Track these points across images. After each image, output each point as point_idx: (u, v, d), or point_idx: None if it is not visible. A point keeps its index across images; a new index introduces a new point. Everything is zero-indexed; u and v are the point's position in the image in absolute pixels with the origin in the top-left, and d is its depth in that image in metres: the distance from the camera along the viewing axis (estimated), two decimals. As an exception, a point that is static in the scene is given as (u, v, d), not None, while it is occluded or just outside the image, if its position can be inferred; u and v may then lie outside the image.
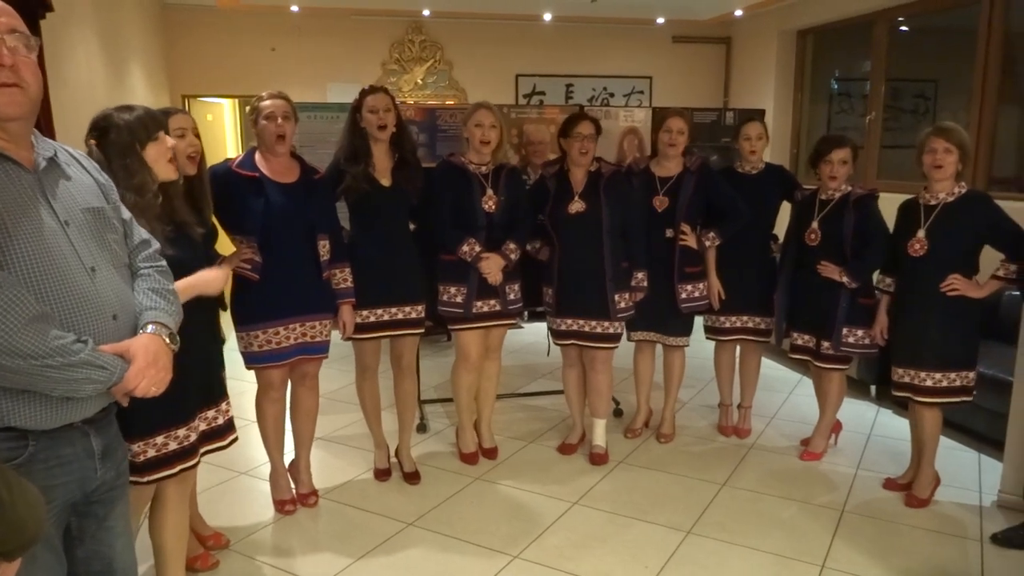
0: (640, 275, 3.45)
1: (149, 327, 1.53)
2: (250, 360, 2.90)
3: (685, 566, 2.74)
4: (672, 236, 3.53)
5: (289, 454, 3.21)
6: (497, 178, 3.33)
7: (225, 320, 2.72)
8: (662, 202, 3.53)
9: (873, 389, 4.45)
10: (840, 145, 3.32)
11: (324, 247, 2.94)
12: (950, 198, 2.99)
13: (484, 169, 3.31)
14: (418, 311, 3.25)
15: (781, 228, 3.67)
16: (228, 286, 2.87)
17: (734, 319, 3.75)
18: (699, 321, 3.80)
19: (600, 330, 3.44)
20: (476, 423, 3.70)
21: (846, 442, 3.81)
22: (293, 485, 3.19)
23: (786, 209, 3.70)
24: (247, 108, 2.99)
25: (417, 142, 3.62)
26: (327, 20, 6.77)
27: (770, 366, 4.84)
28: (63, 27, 3.66)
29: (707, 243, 3.57)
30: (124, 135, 1.95)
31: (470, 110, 3.32)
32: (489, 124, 3.24)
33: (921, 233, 3.01)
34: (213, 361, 2.41)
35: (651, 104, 7.35)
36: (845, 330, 3.29)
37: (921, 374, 3.05)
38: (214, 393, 2.38)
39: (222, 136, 8.05)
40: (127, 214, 1.67)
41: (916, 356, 3.06)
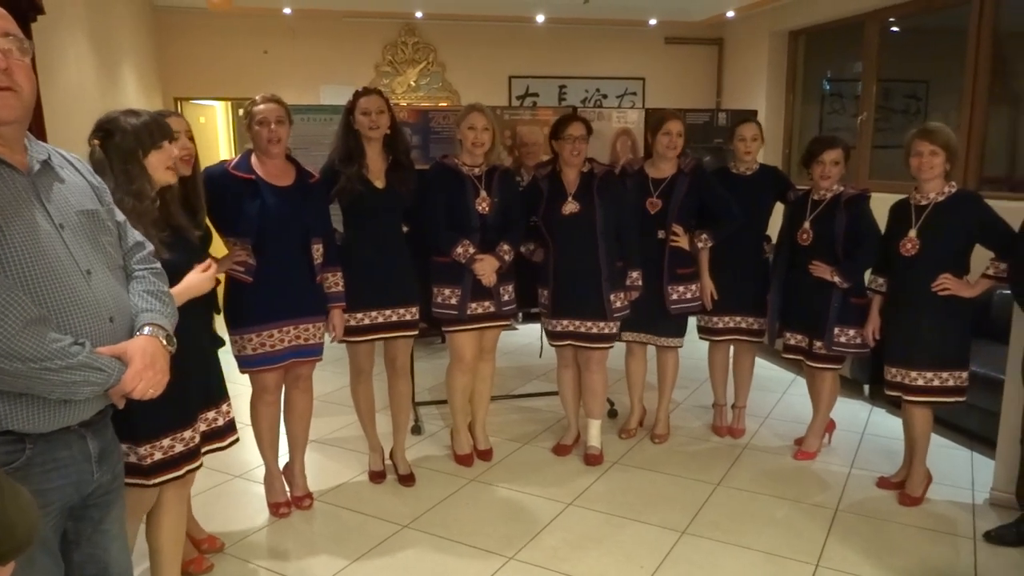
0: (635, 274, 3.45)
1: (145, 329, 1.53)
2: (244, 364, 2.89)
3: (680, 566, 2.74)
4: (664, 237, 3.54)
5: (283, 457, 3.20)
6: (490, 180, 3.33)
7: (219, 323, 2.72)
8: (655, 204, 3.53)
9: (866, 388, 4.47)
10: (832, 146, 3.33)
11: (318, 251, 2.93)
12: (940, 198, 3.01)
13: (477, 171, 3.31)
14: (412, 313, 3.25)
15: (774, 229, 3.69)
16: (221, 289, 2.87)
17: (727, 319, 3.76)
18: (692, 321, 3.81)
19: (596, 331, 3.44)
20: (471, 425, 3.70)
21: (839, 441, 3.83)
22: (288, 488, 3.18)
23: (779, 210, 3.71)
24: (240, 112, 2.99)
25: (411, 144, 3.62)
26: (320, 22, 6.76)
27: (763, 366, 4.86)
28: (54, 30, 3.65)
29: (700, 245, 3.58)
30: (129, 140, 1.95)
31: (463, 112, 3.32)
32: (482, 127, 3.24)
33: (912, 233, 3.03)
34: (212, 362, 2.41)
35: (644, 105, 7.38)
36: (837, 330, 3.31)
37: (912, 373, 3.06)
38: (213, 394, 2.37)
39: (215, 139, 8.04)
40: (121, 216, 1.66)
41: (908, 356, 3.07)
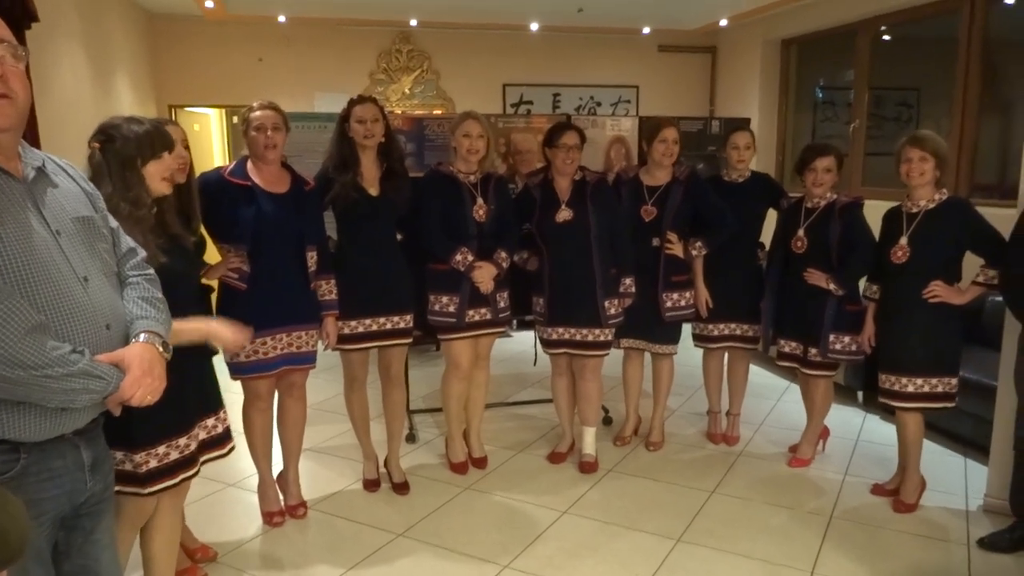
0: (628, 281, 3.44)
1: (142, 336, 1.51)
2: (236, 371, 2.88)
3: (676, 573, 2.74)
4: (658, 245, 3.55)
5: (277, 465, 3.19)
6: (486, 187, 3.34)
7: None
8: (650, 212, 3.55)
9: (860, 395, 4.48)
10: (824, 153, 3.34)
11: (312, 258, 2.93)
12: (931, 205, 3.02)
13: (473, 178, 3.32)
14: (406, 321, 3.24)
15: (767, 236, 3.70)
16: (215, 296, 2.87)
17: (722, 327, 3.76)
18: (687, 329, 3.82)
19: (591, 338, 3.44)
20: (465, 433, 3.69)
21: (834, 448, 3.83)
22: (281, 497, 3.17)
23: (772, 217, 3.73)
24: (234, 118, 2.99)
25: (405, 151, 3.63)
26: (314, 30, 6.77)
27: (758, 373, 4.86)
28: (49, 38, 3.66)
29: (694, 252, 3.59)
30: (130, 148, 1.95)
31: (457, 120, 3.32)
32: (477, 134, 3.24)
33: (903, 240, 3.04)
34: (209, 370, 2.40)
35: (638, 113, 7.39)
36: (832, 337, 3.31)
37: (903, 379, 3.07)
38: (211, 401, 2.37)
39: (209, 146, 8.02)
40: (114, 223, 1.66)
41: (899, 362, 3.08)
